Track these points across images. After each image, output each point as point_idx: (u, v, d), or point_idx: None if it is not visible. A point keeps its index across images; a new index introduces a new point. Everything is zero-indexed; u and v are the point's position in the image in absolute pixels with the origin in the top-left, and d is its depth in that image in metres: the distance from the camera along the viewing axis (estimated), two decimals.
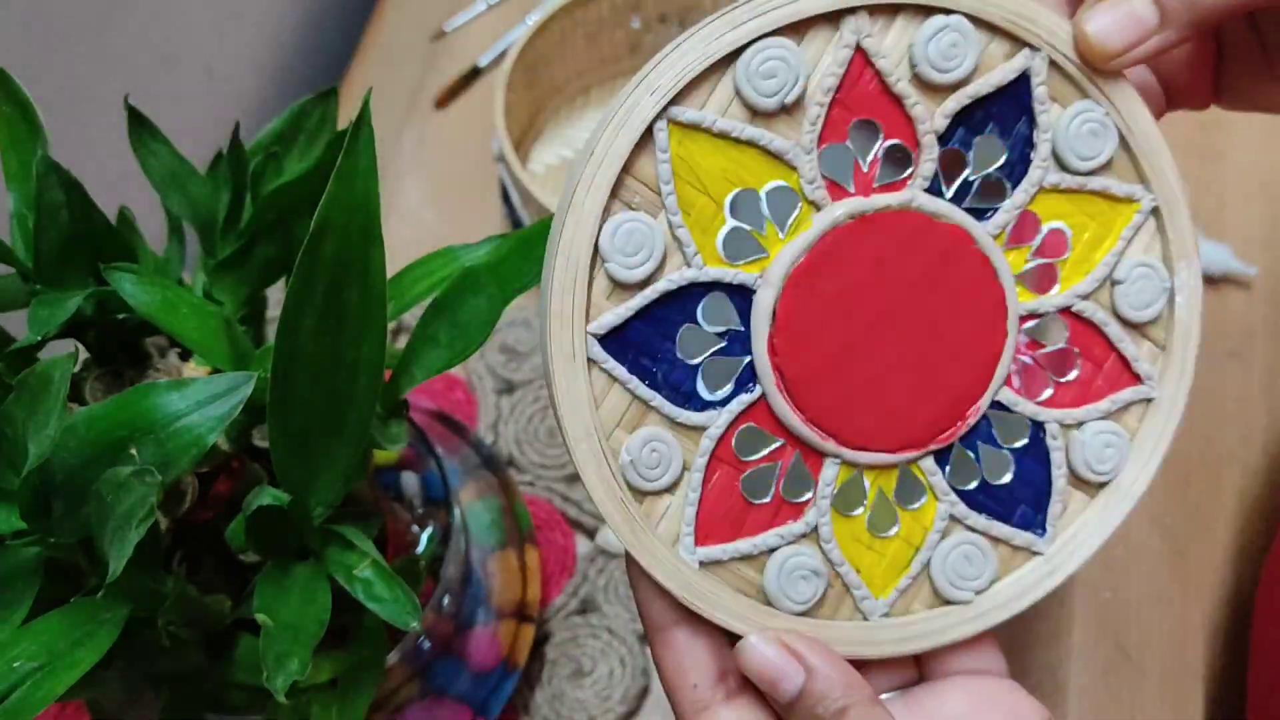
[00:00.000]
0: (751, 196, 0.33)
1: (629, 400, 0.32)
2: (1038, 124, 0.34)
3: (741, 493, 0.33)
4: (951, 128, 0.34)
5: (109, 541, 0.27)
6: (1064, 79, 0.34)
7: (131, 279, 0.32)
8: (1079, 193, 0.34)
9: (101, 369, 0.35)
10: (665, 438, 0.32)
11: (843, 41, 0.32)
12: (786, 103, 0.32)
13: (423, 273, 0.36)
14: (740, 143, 0.32)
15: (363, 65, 0.70)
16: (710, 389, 0.33)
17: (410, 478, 0.45)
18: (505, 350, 0.59)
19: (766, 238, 0.33)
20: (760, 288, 0.33)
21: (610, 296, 0.32)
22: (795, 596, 0.33)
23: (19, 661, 0.27)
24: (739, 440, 0.33)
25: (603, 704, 0.51)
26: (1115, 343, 0.35)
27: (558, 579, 0.54)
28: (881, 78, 0.33)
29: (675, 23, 0.65)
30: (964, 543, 0.34)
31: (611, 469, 0.32)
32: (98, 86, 0.55)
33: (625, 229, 0.32)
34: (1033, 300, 0.34)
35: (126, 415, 0.28)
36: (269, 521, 0.31)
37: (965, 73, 0.33)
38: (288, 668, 0.29)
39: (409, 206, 0.65)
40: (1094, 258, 0.35)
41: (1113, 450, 0.35)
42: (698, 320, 0.33)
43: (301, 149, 0.37)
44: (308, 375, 0.29)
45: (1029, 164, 0.34)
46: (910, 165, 0.33)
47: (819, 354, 0.33)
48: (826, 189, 0.33)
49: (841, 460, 0.33)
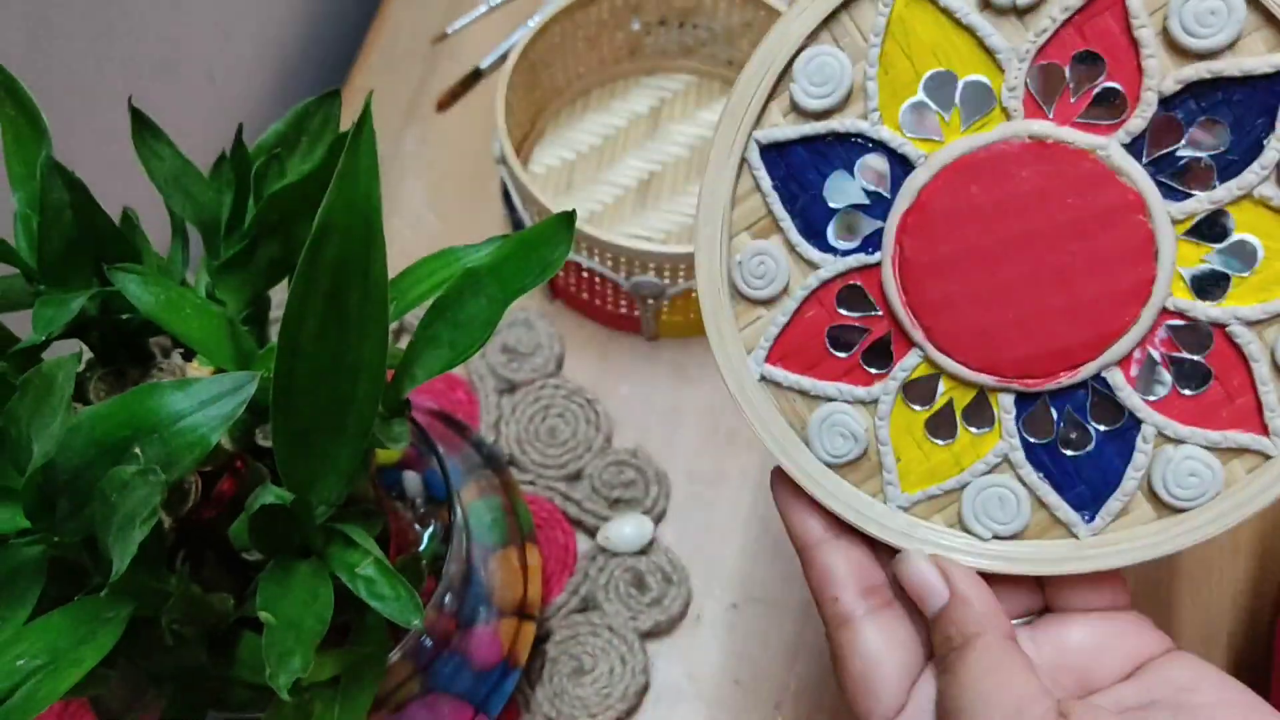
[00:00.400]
0: (950, 79, 0.33)
1: (764, 212, 0.35)
2: (1276, 130, 0.31)
3: (825, 339, 0.35)
4: (1180, 95, 0.31)
5: (113, 540, 0.27)
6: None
7: (135, 279, 0.33)
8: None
9: (105, 369, 0.35)
10: (779, 256, 0.34)
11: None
12: (1020, 3, 0.32)
13: (424, 273, 0.36)
14: (961, 25, 0.32)
15: (365, 67, 0.70)
16: (837, 236, 0.34)
17: (412, 477, 0.45)
18: (506, 350, 0.60)
19: (949, 124, 0.33)
20: (920, 165, 0.33)
21: (786, 116, 0.34)
22: (829, 448, 0.35)
23: (22, 660, 0.27)
24: (842, 293, 0.35)
25: (603, 701, 0.51)
26: (1258, 383, 0.32)
27: (558, 577, 0.55)
28: (1127, 15, 0.31)
29: (675, 25, 0.65)
30: (1005, 486, 0.34)
31: (721, 262, 0.35)
32: (101, 88, 0.56)
33: (820, 60, 0.33)
34: (1188, 301, 0.32)
35: (130, 415, 0.28)
36: (272, 520, 0.31)
37: (1216, 45, 0.31)
38: (290, 665, 0.29)
39: (410, 208, 0.66)
40: (1275, 290, 0.32)
41: (1197, 480, 0.33)
42: (853, 171, 0.34)
43: (304, 151, 0.37)
44: (310, 375, 0.30)
45: (1248, 165, 0.31)
46: (1121, 115, 0.32)
47: (943, 249, 0.33)
48: (1024, 102, 0.32)
49: (925, 356, 0.34)
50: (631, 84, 0.68)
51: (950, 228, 0.33)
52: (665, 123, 0.67)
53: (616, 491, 0.56)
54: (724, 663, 0.53)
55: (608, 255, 0.55)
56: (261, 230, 0.35)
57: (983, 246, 0.33)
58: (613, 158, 0.66)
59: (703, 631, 0.54)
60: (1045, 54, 0.32)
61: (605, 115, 0.67)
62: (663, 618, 0.53)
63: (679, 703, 0.52)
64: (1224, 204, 0.32)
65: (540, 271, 0.34)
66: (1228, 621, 0.53)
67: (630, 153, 0.66)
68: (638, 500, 0.56)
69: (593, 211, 0.64)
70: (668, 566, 0.54)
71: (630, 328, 0.61)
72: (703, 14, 0.64)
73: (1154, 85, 0.31)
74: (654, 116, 0.67)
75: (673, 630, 0.54)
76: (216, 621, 0.34)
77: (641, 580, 0.54)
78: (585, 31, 0.64)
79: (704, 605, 0.54)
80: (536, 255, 0.34)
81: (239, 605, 0.34)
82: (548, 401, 0.58)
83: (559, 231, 0.34)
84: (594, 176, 0.65)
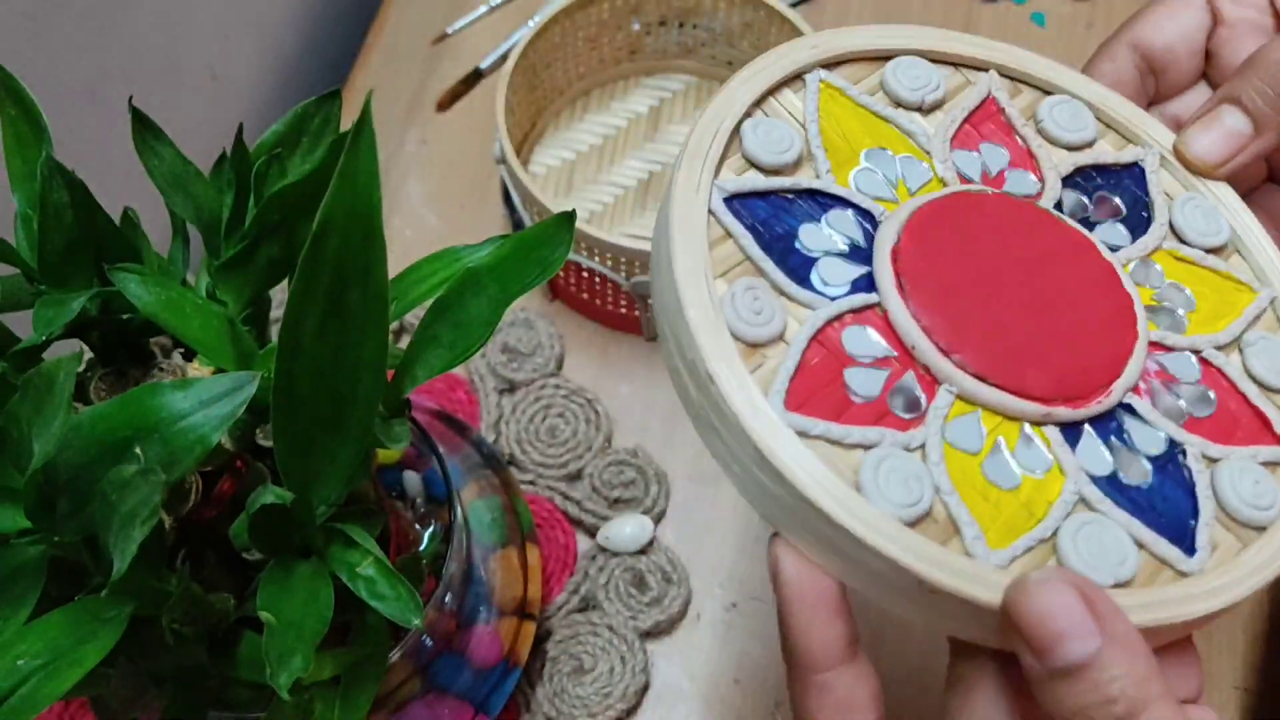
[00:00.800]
0: (886, 154, 0.34)
1: (741, 257, 0.31)
2: (1153, 200, 0.35)
3: (844, 384, 0.30)
4: (1074, 175, 0.35)
5: (113, 540, 0.27)
6: (1174, 176, 0.36)
7: (136, 279, 0.33)
8: (1198, 265, 0.34)
9: (106, 369, 0.35)
10: (769, 294, 0.31)
11: (976, 88, 0.36)
12: (926, 102, 0.35)
13: (425, 273, 0.36)
14: (879, 116, 0.35)
15: (365, 67, 0.70)
16: (825, 281, 0.32)
17: (412, 477, 0.45)
18: (507, 350, 0.60)
19: (897, 189, 0.34)
20: (886, 218, 0.33)
21: (743, 175, 0.33)
22: (891, 495, 0.28)
23: (23, 659, 0.27)
24: (848, 336, 0.31)
25: (603, 701, 0.51)
26: (1253, 400, 0.33)
27: (559, 577, 0.55)
28: (1010, 121, 0.36)
29: (675, 25, 0.65)
30: (1097, 526, 0.29)
31: (712, 298, 0.30)
32: (102, 88, 0.56)
33: (768, 126, 0.33)
34: (1161, 332, 0.33)
35: (131, 415, 0.28)
36: (272, 520, 0.31)
37: (1085, 139, 0.35)
38: (291, 665, 0.29)
39: (411, 207, 0.66)
40: (1218, 323, 0.34)
41: (1264, 488, 0.31)
42: (821, 223, 0.33)
43: (304, 151, 0.37)
44: (311, 375, 0.30)
45: (1149, 224, 0.35)
46: (1037, 190, 0.35)
47: (943, 280, 0.31)
48: (956, 177, 0.34)
49: (957, 393, 0.30)
50: (631, 84, 0.68)
51: (943, 260, 0.32)
52: (665, 123, 0.67)
53: (616, 491, 0.56)
54: (724, 663, 0.53)
55: (608, 255, 0.55)
56: (262, 230, 0.35)
57: (979, 276, 0.32)
58: (613, 158, 0.66)
59: (703, 631, 0.54)
60: (957, 142, 0.35)
61: (605, 115, 0.67)
62: (663, 617, 0.53)
63: (679, 703, 0.52)
64: (1149, 252, 0.34)
65: (540, 271, 0.34)
66: (1227, 623, 0.53)
67: (630, 153, 0.66)
68: (638, 500, 0.56)
69: (593, 211, 0.64)
70: (668, 566, 0.54)
71: (630, 328, 0.61)
72: (703, 14, 0.64)
73: (1051, 166, 0.35)
74: (654, 117, 0.67)
75: (673, 630, 0.54)
76: (217, 621, 0.34)
77: (641, 580, 0.54)
78: (585, 32, 0.64)
79: (704, 605, 0.54)
80: (536, 255, 0.34)
81: (239, 605, 0.34)
82: (548, 401, 0.58)
83: (559, 231, 0.34)
84: (594, 177, 0.65)
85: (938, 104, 0.35)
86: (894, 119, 0.35)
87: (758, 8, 0.62)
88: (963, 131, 0.35)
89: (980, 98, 0.36)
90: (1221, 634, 0.53)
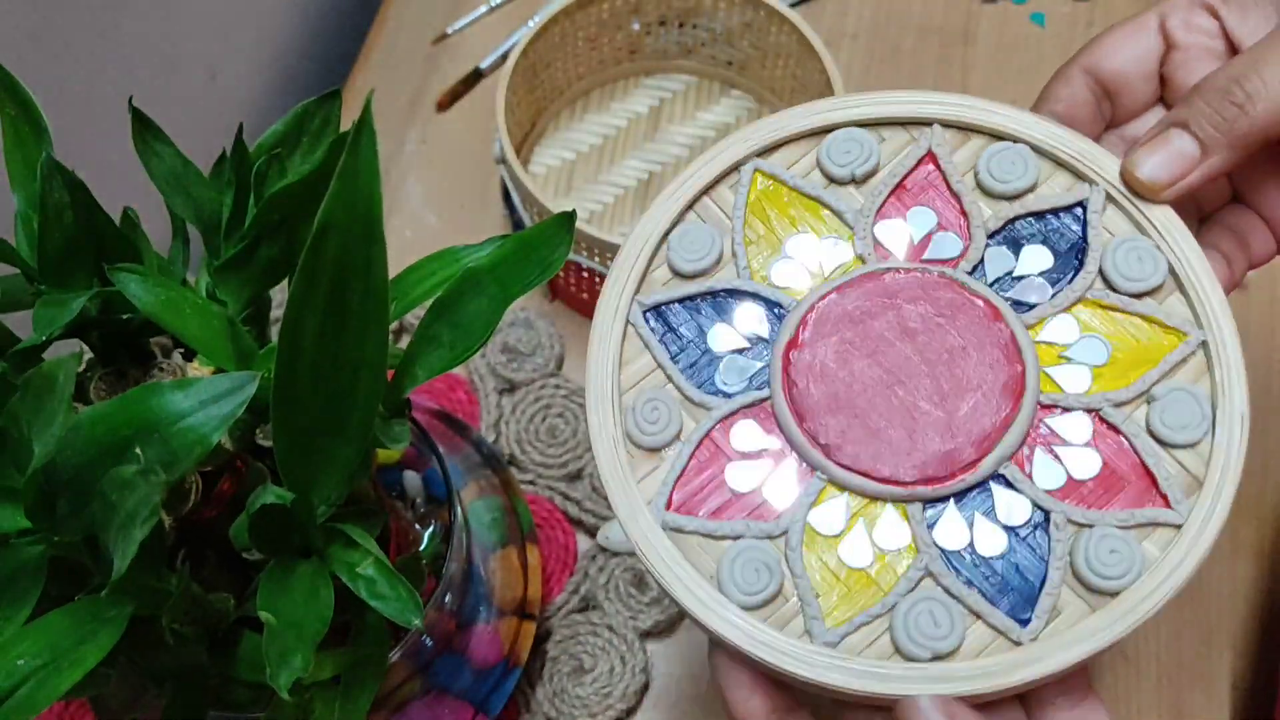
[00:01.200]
0: (809, 240, 0.37)
1: (652, 366, 0.36)
2: (1089, 245, 0.36)
3: (726, 479, 0.34)
4: (1003, 228, 0.36)
5: (113, 540, 0.27)
6: (1119, 210, 0.36)
7: (136, 279, 0.33)
8: (1124, 312, 0.35)
9: (106, 369, 0.35)
10: (670, 403, 0.35)
11: (916, 146, 0.38)
12: (857, 175, 0.37)
13: (425, 273, 0.36)
14: (809, 198, 0.37)
15: (365, 67, 0.70)
16: (725, 381, 0.36)
17: (412, 477, 0.45)
18: (506, 350, 0.60)
19: (814, 275, 0.37)
20: (793, 308, 0.36)
21: (666, 285, 0.37)
22: (744, 585, 0.33)
23: (23, 659, 0.27)
24: (736, 431, 0.35)
25: (603, 701, 0.51)
26: (1144, 456, 0.33)
27: (559, 577, 0.55)
28: (945, 175, 0.37)
29: (675, 25, 0.65)
30: (934, 600, 0.32)
31: (615, 418, 0.35)
32: (102, 88, 0.56)
33: (692, 232, 0.37)
34: (1058, 394, 0.34)
35: (131, 415, 0.28)
36: (272, 520, 0.31)
37: (1022, 187, 0.36)
38: (291, 665, 0.29)
39: (411, 207, 0.66)
40: (1131, 375, 0.34)
41: (1118, 557, 0.32)
42: (731, 321, 0.36)
43: (304, 151, 0.37)
44: (311, 375, 0.30)
45: (1076, 274, 0.36)
46: (958, 251, 0.36)
47: (831, 372, 0.34)
48: (875, 250, 0.37)
49: (828, 479, 0.34)
50: (631, 84, 0.68)
51: (833, 352, 0.35)
52: (665, 123, 0.67)
53: None
54: None
55: (608, 255, 0.55)
56: (262, 230, 0.35)
57: (866, 365, 0.34)
58: (612, 158, 0.66)
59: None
60: (885, 212, 0.37)
61: (605, 115, 0.67)
62: (663, 618, 0.53)
63: (679, 703, 0.52)
64: (1065, 307, 0.35)
65: (540, 271, 0.34)
66: (1227, 622, 0.53)
67: (630, 153, 0.66)
68: None
69: (593, 211, 0.64)
70: None
71: None
72: (702, 14, 0.64)
73: (980, 224, 0.36)
74: (654, 117, 0.67)
75: (673, 630, 0.54)
76: (217, 621, 0.34)
77: (641, 580, 0.54)
78: (585, 32, 0.64)
79: None
80: (536, 255, 0.34)
81: (239, 605, 0.34)
82: (548, 401, 0.58)
83: (559, 231, 0.34)
84: (594, 177, 0.65)
85: (870, 173, 0.37)
86: (823, 198, 0.37)
87: (758, 8, 0.62)
88: (891, 200, 0.37)
89: (917, 157, 0.37)
90: (1219, 632, 0.53)
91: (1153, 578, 0.32)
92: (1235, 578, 0.54)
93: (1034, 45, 0.69)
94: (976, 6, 0.71)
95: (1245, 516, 0.55)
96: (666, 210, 0.37)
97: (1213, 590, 0.54)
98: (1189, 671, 0.52)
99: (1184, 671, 0.52)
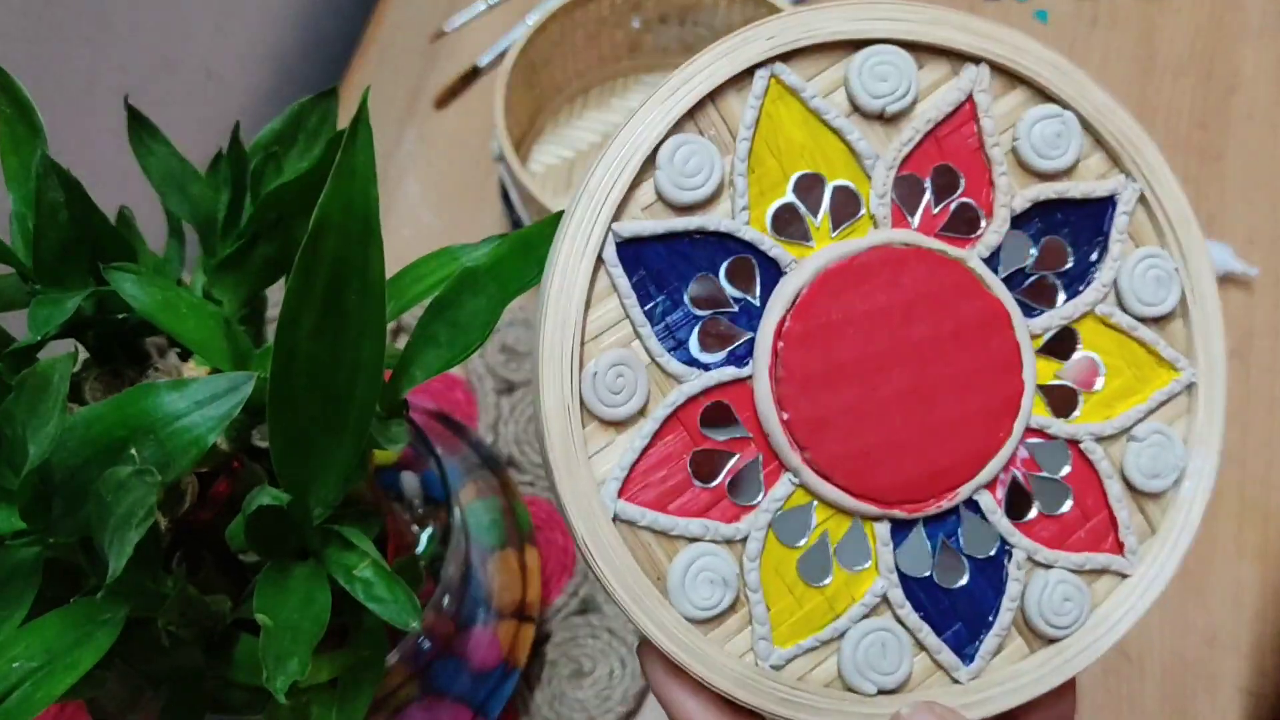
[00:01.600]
0: (818, 182, 0.31)
1: (620, 317, 0.30)
2: (1109, 250, 0.33)
3: (688, 466, 0.30)
4: (1028, 214, 0.33)
5: (109, 541, 0.27)
6: (1149, 218, 0.33)
7: (131, 279, 0.32)
8: (1126, 335, 0.33)
9: (101, 369, 0.35)
10: (638, 368, 0.30)
11: (958, 84, 0.32)
12: (888, 111, 0.31)
13: (422, 272, 0.36)
14: (829, 127, 0.31)
15: (362, 65, 0.70)
16: (702, 348, 0.31)
17: (410, 478, 0.45)
18: (505, 350, 0.59)
19: (818, 229, 0.31)
20: (791, 271, 0.31)
21: (647, 209, 0.30)
22: (696, 599, 0.30)
23: (18, 662, 0.27)
24: (707, 412, 0.30)
25: (602, 704, 0.51)
26: (1111, 500, 0.32)
27: (557, 579, 0.54)
28: (981, 135, 0.32)
29: (675, 23, 0.65)
30: (886, 631, 0.31)
31: (573, 376, 0.29)
32: (97, 86, 0.55)
33: (688, 149, 0.30)
34: (1046, 418, 0.32)
35: (126, 415, 0.28)
36: (269, 521, 0.31)
37: (1060, 167, 0.32)
38: (288, 668, 0.29)
39: (408, 206, 0.65)
40: (1118, 406, 0.33)
41: (1071, 605, 0.31)
42: (718, 275, 0.31)
43: (301, 149, 0.37)
44: (307, 375, 0.29)
45: (1089, 283, 0.33)
46: (978, 229, 0.32)
47: (822, 362, 0.31)
48: (892, 210, 0.32)
49: (799, 483, 0.31)
50: (631, 82, 0.68)
51: (828, 338, 0.30)
52: None
53: None
54: None
55: None
56: (258, 229, 0.35)
57: (862, 359, 0.31)
58: None
59: None
60: (909, 164, 0.32)
61: (605, 113, 0.67)
62: None
63: None
64: (1071, 320, 0.32)
65: (539, 270, 0.34)
66: (1230, 625, 0.53)
67: None
68: None
69: None
70: None
71: None
72: (703, 11, 0.64)
73: (1006, 202, 0.32)
74: None
75: None
76: (213, 623, 0.33)
77: None
78: (584, 29, 0.64)
79: None
80: (535, 254, 0.34)
81: (236, 607, 0.34)
82: None
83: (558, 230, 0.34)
84: None
85: (902, 112, 0.32)
86: (844, 131, 0.31)
87: (758, 5, 0.62)
88: (919, 152, 0.32)
89: (956, 101, 0.32)
90: (1226, 636, 0.53)
91: (1097, 627, 0.31)
92: (1239, 580, 0.54)
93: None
94: (979, 4, 0.71)
95: (1250, 519, 0.55)
96: (662, 115, 0.30)
97: (1216, 592, 0.54)
98: (1191, 672, 0.52)
99: (1187, 672, 0.52)
